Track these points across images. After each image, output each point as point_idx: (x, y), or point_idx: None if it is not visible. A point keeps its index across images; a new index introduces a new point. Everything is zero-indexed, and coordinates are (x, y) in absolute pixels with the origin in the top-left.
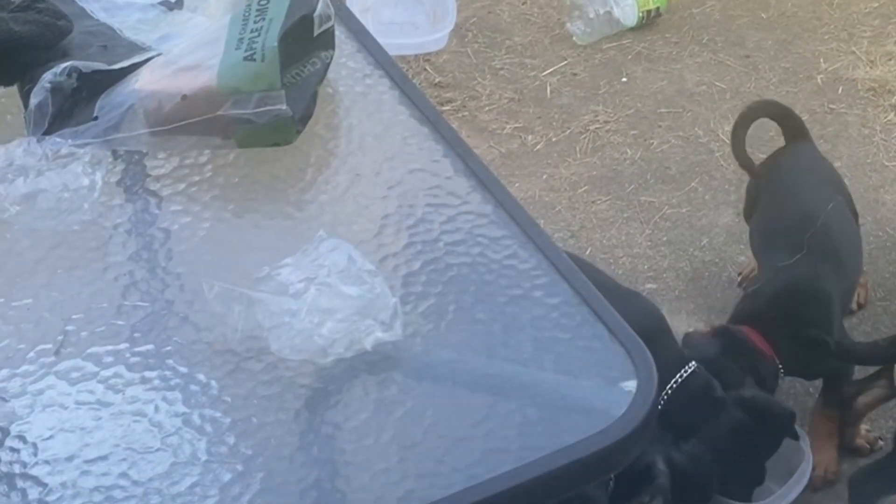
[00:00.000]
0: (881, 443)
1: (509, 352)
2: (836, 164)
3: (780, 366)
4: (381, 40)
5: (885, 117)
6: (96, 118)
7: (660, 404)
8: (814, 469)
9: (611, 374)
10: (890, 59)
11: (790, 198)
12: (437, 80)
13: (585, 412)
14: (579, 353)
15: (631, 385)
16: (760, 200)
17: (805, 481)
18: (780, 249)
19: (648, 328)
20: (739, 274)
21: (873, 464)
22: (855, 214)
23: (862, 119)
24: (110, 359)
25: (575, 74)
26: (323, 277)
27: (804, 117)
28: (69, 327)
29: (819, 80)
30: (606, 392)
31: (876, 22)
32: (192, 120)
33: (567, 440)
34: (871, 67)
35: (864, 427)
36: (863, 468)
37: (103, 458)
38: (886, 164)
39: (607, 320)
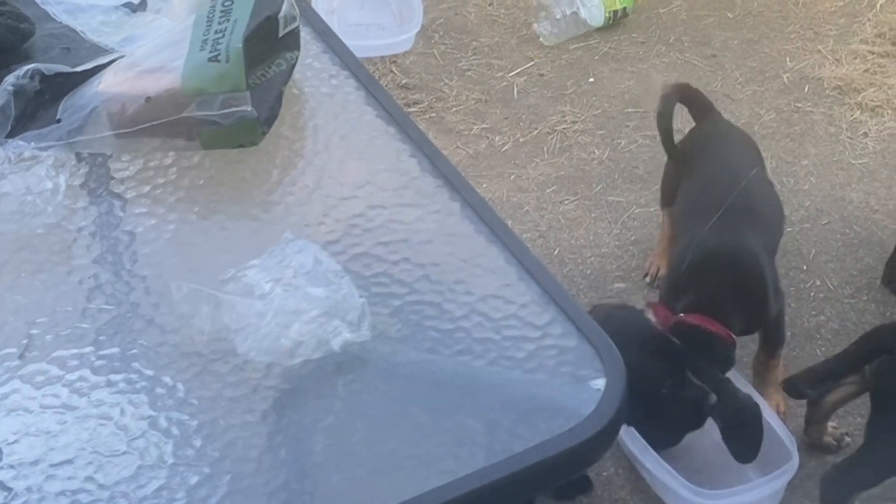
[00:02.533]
0: (848, 439)
1: (478, 351)
2: (804, 163)
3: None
4: (347, 42)
5: (851, 115)
6: (59, 121)
7: None
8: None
9: (579, 372)
10: (855, 58)
11: (717, 169)
12: (403, 81)
13: (554, 411)
14: (548, 351)
15: (600, 383)
16: (684, 180)
17: (787, 479)
18: (706, 215)
19: None
20: (646, 275)
21: (844, 461)
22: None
23: (828, 117)
24: (75, 362)
25: (542, 75)
26: (289, 279)
27: (771, 116)
28: (33, 331)
29: (785, 79)
30: (575, 390)
31: (841, 21)
32: (156, 122)
33: (536, 439)
34: (836, 66)
35: (830, 424)
36: (834, 467)
37: (69, 461)
38: (853, 161)
39: (576, 319)
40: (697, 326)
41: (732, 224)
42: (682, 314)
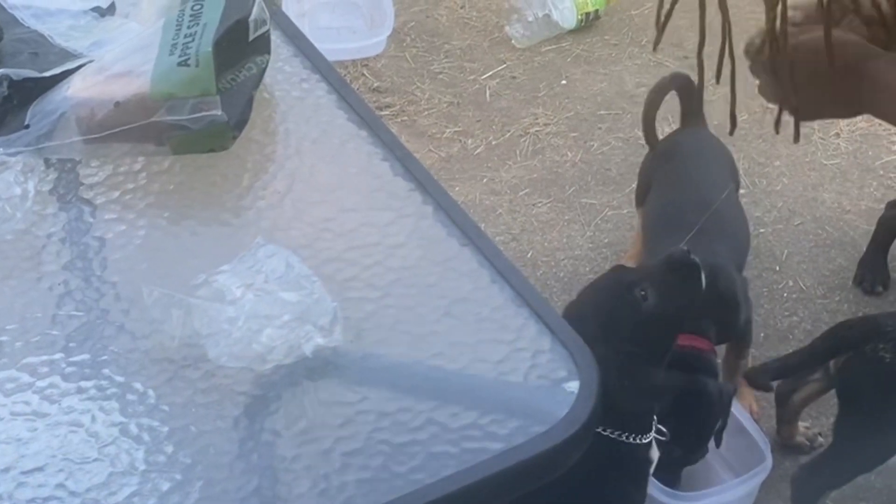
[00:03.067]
0: (821, 439)
1: (451, 355)
2: (776, 164)
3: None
4: (318, 45)
5: None
6: (28, 126)
7: None
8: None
9: (553, 375)
10: None
11: (690, 186)
12: (375, 85)
13: (528, 414)
14: (521, 354)
15: (573, 386)
16: (655, 181)
17: (761, 480)
18: (676, 233)
19: None
20: None
21: (814, 461)
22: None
23: None
24: (45, 369)
25: (514, 77)
26: (261, 283)
27: (743, 117)
28: (3, 338)
29: (757, 80)
30: (549, 393)
31: None
32: (125, 127)
33: (510, 442)
34: None
35: (802, 424)
36: (805, 466)
37: (40, 469)
38: (825, 162)
39: (549, 321)
40: (685, 347)
41: (703, 243)
42: None
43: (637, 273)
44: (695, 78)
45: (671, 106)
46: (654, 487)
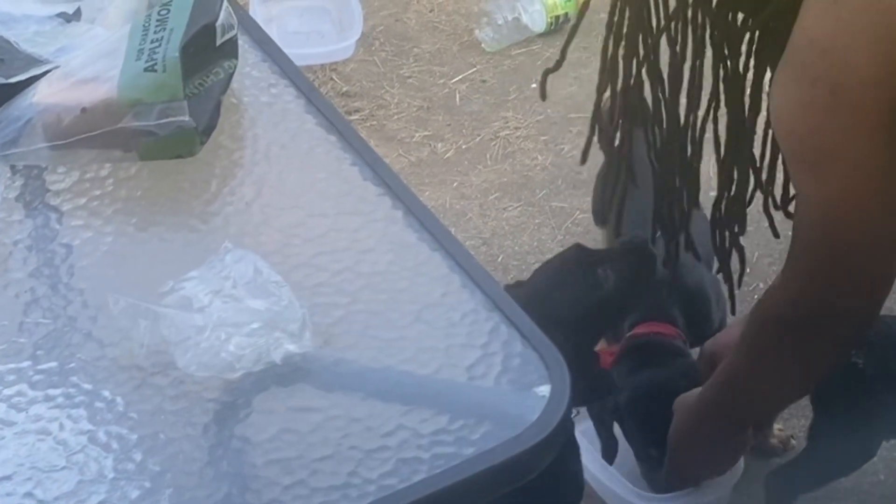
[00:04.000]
0: (794, 442)
1: (422, 359)
2: None
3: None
4: (286, 50)
5: None
6: None
7: None
8: None
9: (524, 379)
10: None
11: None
12: (344, 89)
13: (499, 418)
14: (492, 358)
15: (545, 390)
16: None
17: (733, 482)
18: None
19: None
20: None
21: (789, 463)
22: None
23: None
24: (12, 377)
25: (484, 81)
26: (229, 290)
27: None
28: None
29: None
30: (520, 397)
31: None
32: (92, 133)
33: (481, 447)
34: None
35: (776, 426)
36: (778, 468)
37: (7, 478)
38: None
39: (520, 326)
40: (648, 334)
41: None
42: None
43: (599, 254)
44: None
45: None
46: (625, 489)
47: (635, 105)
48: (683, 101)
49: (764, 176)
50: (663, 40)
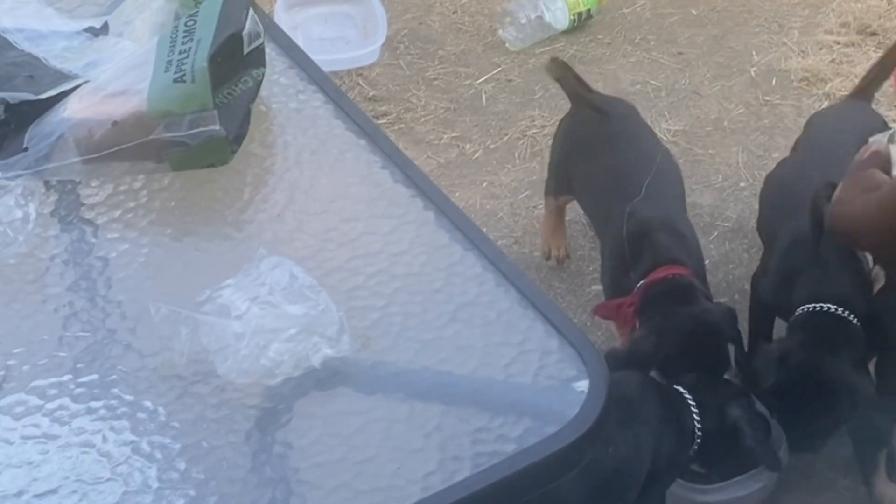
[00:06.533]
0: None
1: (460, 359)
2: (774, 156)
3: None
4: (312, 57)
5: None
6: (26, 149)
7: None
8: None
9: (562, 375)
10: (821, 49)
11: (628, 147)
12: (371, 93)
13: (539, 415)
14: (529, 355)
15: (583, 385)
16: (582, 165)
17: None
18: (626, 199)
19: None
20: (547, 259)
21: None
22: None
23: (797, 109)
24: (54, 391)
25: (510, 81)
26: (265, 296)
27: (740, 111)
28: (10, 361)
29: (752, 73)
30: (559, 393)
31: (805, 12)
32: (124, 145)
33: (521, 444)
34: (802, 57)
35: None
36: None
37: (53, 491)
38: None
39: (556, 322)
40: (667, 277)
41: (654, 195)
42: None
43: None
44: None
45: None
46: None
47: None
48: None
49: None
50: None
